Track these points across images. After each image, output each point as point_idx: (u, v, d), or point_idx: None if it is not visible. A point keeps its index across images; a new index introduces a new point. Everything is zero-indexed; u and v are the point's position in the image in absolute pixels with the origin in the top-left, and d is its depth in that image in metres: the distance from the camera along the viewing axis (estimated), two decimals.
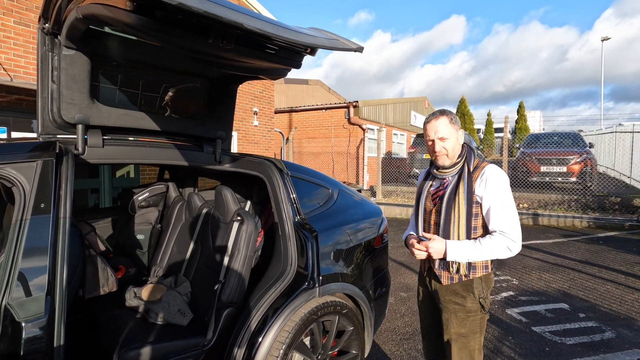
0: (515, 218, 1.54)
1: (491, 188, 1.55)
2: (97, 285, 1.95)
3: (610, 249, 5.73)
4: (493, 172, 1.57)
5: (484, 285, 1.63)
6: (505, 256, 1.54)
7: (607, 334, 3.01)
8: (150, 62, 1.98)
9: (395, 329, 3.14)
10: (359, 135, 12.18)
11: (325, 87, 20.77)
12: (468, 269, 1.60)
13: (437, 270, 1.67)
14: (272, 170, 2.12)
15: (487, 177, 1.57)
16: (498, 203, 1.54)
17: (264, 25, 1.03)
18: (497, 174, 1.57)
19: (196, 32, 1.15)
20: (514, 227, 1.53)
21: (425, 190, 1.77)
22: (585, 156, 8.71)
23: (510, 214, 1.54)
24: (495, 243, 1.53)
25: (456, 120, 1.64)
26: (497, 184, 1.55)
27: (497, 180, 1.55)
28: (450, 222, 1.60)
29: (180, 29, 1.14)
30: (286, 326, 1.84)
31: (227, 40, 1.17)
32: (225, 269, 1.98)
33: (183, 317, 1.99)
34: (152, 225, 2.65)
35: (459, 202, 1.58)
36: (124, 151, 1.98)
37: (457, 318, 1.64)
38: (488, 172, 1.58)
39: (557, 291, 3.97)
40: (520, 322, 3.25)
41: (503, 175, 1.58)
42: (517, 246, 1.53)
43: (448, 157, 1.63)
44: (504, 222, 1.53)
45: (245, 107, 9.35)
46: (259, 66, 1.65)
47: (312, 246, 2.00)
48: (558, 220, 7.68)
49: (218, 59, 1.50)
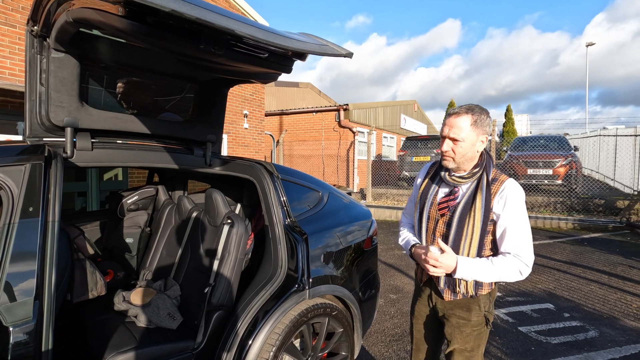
0: (530, 241, 1.42)
1: (510, 207, 1.40)
2: (86, 290, 1.93)
3: (595, 249, 5.86)
4: (514, 189, 1.42)
5: (490, 299, 1.53)
6: (515, 279, 1.41)
7: (590, 333, 3.08)
8: (140, 65, 1.98)
9: (384, 331, 3.16)
10: (349, 138, 12.24)
11: (316, 90, 20.84)
12: (475, 289, 1.48)
13: (440, 286, 1.53)
14: (262, 173, 2.14)
15: (507, 195, 1.41)
16: (516, 224, 1.40)
17: (255, 31, 1.05)
18: (517, 192, 1.42)
19: (188, 38, 1.16)
20: (528, 250, 1.40)
21: (431, 196, 1.57)
22: (570, 159, 8.91)
23: (527, 237, 1.41)
24: (508, 265, 1.39)
25: (482, 123, 1.41)
26: (517, 203, 1.41)
27: (517, 199, 1.41)
28: (462, 238, 1.44)
29: (172, 34, 1.15)
30: (276, 328, 1.85)
31: (219, 46, 1.19)
32: (215, 272, 1.98)
33: (172, 320, 1.99)
34: (141, 229, 2.63)
35: (474, 218, 1.42)
36: (113, 154, 1.97)
37: (461, 333, 1.53)
38: (508, 189, 1.41)
39: (542, 292, 4.05)
40: (507, 322, 3.31)
41: (522, 193, 1.44)
42: (529, 270, 1.40)
43: (454, 162, 1.45)
44: (519, 244, 1.39)
45: (235, 109, 9.33)
46: (250, 70, 1.67)
47: (302, 249, 2.02)
48: (544, 222, 7.83)
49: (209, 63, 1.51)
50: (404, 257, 5.58)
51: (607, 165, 13.02)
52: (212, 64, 1.50)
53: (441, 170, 1.55)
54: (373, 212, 9.58)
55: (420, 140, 11.18)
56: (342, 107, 12.15)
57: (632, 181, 9.98)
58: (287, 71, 1.53)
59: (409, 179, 10.92)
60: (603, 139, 13.42)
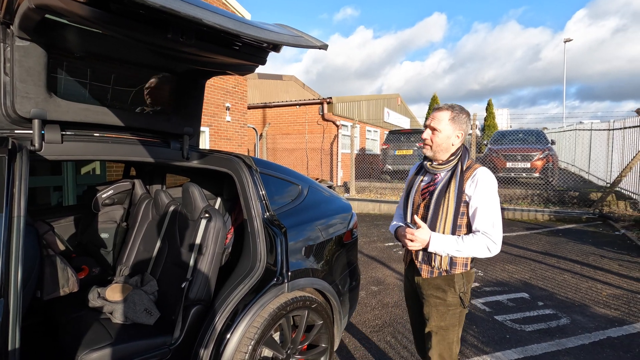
0: (498, 221, 1.57)
1: (480, 189, 1.57)
2: (57, 286, 1.88)
3: (569, 240, 6.07)
4: (484, 174, 1.60)
5: (465, 281, 1.66)
6: (484, 256, 1.57)
7: (562, 321, 3.20)
8: (112, 55, 1.91)
9: (365, 322, 3.20)
10: (332, 131, 12.24)
11: (300, 83, 20.71)
12: (449, 265, 1.63)
13: (418, 263, 1.69)
14: (240, 167, 2.12)
15: (478, 179, 1.59)
16: (485, 204, 1.56)
17: (225, 21, 1.02)
18: (488, 176, 1.59)
19: (155, 27, 1.12)
20: (496, 229, 1.55)
21: (416, 185, 1.77)
22: (547, 152, 9.15)
23: (495, 217, 1.56)
24: (476, 242, 1.55)
25: (459, 120, 1.62)
26: (487, 186, 1.58)
27: (487, 182, 1.58)
28: (438, 218, 1.61)
29: (138, 23, 1.11)
30: (255, 322, 1.85)
31: (187, 36, 1.15)
32: (192, 267, 1.96)
33: (150, 316, 1.96)
34: (117, 224, 2.57)
35: (448, 199, 1.60)
36: (85, 147, 1.91)
37: (437, 312, 1.67)
38: (479, 174, 1.60)
39: (519, 281, 4.17)
40: (484, 311, 3.40)
41: (493, 178, 1.61)
42: (497, 247, 1.56)
43: (431, 150, 1.66)
44: (487, 223, 1.56)
45: (217, 102, 9.19)
46: (223, 62, 1.64)
47: (281, 242, 2.02)
48: (522, 214, 8.05)
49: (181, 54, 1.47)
50: (385, 249, 5.65)
51: (582, 159, 13.45)
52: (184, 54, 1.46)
53: (425, 162, 1.76)
54: (356, 205, 9.65)
55: (403, 134, 11.27)
56: (326, 100, 12.11)
57: (605, 174, 10.35)
58: (261, 62, 1.51)
59: (392, 172, 11.02)
60: (579, 133, 13.84)
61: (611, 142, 10.10)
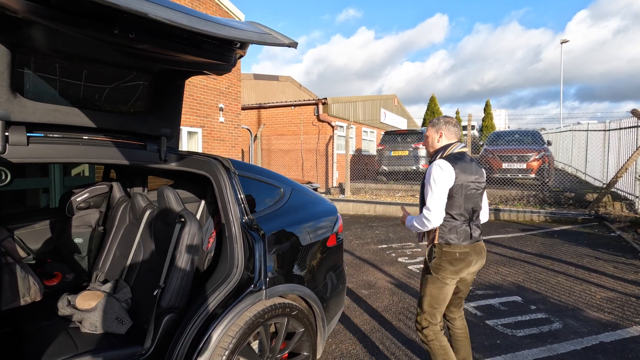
0: (433, 200, 1.98)
1: (426, 177, 2.06)
2: (17, 296, 1.80)
3: (564, 242, 6.00)
4: (432, 166, 2.03)
5: (440, 256, 2.05)
6: (425, 227, 2.03)
7: (554, 325, 3.13)
8: (81, 54, 1.84)
9: (352, 328, 3.13)
10: (328, 132, 12.17)
11: (296, 84, 20.65)
12: (420, 237, 2.24)
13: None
14: (218, 169, 2.05)
15: (429, 169, 2.05)
16: (426, 189, 2.03)
17: (177, 16, 0.95)
18: (434, 168, 2.02)
19: (100, 21, 1.05)
20: (431, 206, 1.98)
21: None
22: (543, 153, 9.10)
23: (429, 199, 2.00)
24: (420, 217, 2.04)
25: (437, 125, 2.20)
26: (430, 175, 2.02)
27: (431, 172, 2.01)
28: (420, 201, 2.18)
29: (82, 18, 1.04)
30: (229, 331, 1.77)
31: (137, 32, 1.08)
32: (165, 273, 1.88)
33: (121, 325, 1.88)
34: (92, 228, 2.49)
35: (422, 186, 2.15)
36: (54, 150, 1.83)
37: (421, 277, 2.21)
38: (431, 166, 2.05)
39: (512, 284, 4.11)
40: (475, 315, 3.33)
41: (436, 168, 2.01)
42: (431, 223, 1.99)
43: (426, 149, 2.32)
44: (427, 202, 2.02)
45: (210, 103, 9.12)
46: (188, 60, 1.56)
47: (259, 248, 1.94)
48: (518, 215, 7.99)
49: (141, 52, 1.40)
50: (378, 252, 5.58)
51: (578, 159, 13.40)
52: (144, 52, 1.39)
53: None
54: (351, 206, 9.58)
55: (399, 134, 11.21)
56: (321, 101, 12.04)
57: (601, 175, 10.30)
58: (227, 61, 1.44)
59: (388, 173, 10.95)
60: (575, 133, 13.80)
61: (607, 142, 10.06)
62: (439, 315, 2.10)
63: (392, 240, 6.27)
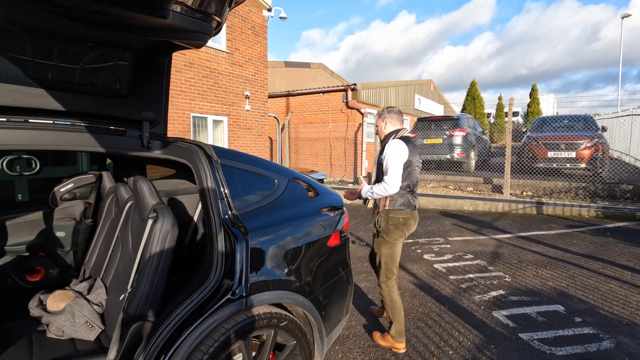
0: (391, 172, 2.42)
1: (385, 153, 2.50)
2: None
3: (618, 241, 5.30)
4: (391, 143, 2.49)
5: (387, 221, 2.53)
6: (385, 193, 2.45)
7: (604, 343, 2.65)
8: (44, 28, 1.63)
9: (361, 335, 2.82)
10: (357, 119, 11.71)
11: (329, 71, 20.20)
12: (374, 205, 2.67)
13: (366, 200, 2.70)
14: (199, 157, 1.79)
15: (387, 146, 2.50)
16: (386, 163, 2.47)
17: None
18: (393, 145, 2.47)
19: None
20: (389, 177, 2.42)
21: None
22: (596, 140, 8.17)
23: (389, 170, 2.43)
24: (379, 186, 2.46)
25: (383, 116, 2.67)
26: (390, 151, 2.46)
27: (391, 149, 2.47)
28: (373, 175, 2.59)
29: None
30: (202, 345, 1.53)
31: None
32: (134, 275, 1.67)
33: (90, 330, 1.71)
34: (75, 221, 2.35)
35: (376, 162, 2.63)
36: (18, 135, 1.66)
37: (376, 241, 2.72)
38: (390, 144, 2.50)
39: (553, 290, 3.60)
40: (507, 327, 2.90)
41: (395, 145, 2.47)
42: (393, 187, 2.41)
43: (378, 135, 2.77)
44: (388, 172, 2.44)
45: (236, 90, 8.98)
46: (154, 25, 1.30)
47: (241, 248, 1.68)
48: (564, 209, 7.23)
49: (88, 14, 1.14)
50: (403, 247, 5.19)
51: (639, 148, 12.02)
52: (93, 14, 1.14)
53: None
54: None
55: (433, 121, 10.55)
56: (350, 87, 11.58)
57: None
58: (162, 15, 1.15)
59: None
60: (636, 118, 12.36)
61: None
62: (395, 269, 2.60)
63: (420, 235, 5.83)
